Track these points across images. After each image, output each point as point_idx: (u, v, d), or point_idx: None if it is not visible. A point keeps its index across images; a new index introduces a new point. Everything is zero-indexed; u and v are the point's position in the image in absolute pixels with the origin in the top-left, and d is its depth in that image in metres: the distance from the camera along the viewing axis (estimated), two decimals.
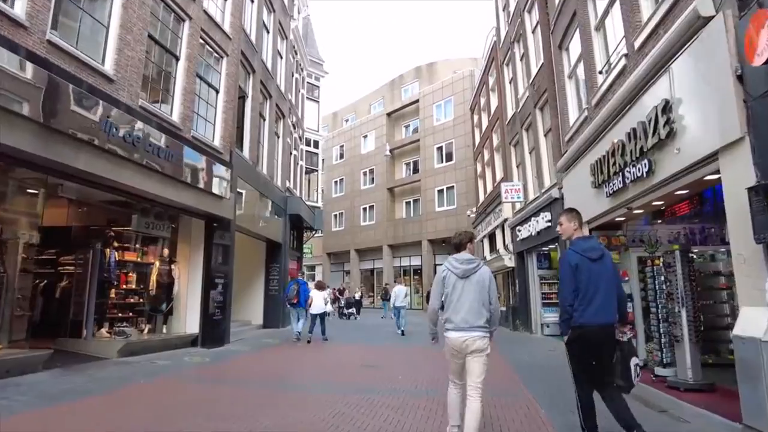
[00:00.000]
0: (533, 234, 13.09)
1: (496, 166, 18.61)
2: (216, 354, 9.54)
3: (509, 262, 15.92)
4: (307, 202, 20.65)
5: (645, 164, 6.23)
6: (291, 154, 18.59)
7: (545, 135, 13.06)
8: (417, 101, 31.91)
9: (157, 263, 10.18)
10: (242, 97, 13.55)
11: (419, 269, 30.60)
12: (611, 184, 7.43)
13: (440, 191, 29.46)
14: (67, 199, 8.95)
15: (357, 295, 22.52)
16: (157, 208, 9.72)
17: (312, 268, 40.39)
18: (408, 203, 32.88)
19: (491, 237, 19.54)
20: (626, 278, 8.52)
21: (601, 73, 8.70)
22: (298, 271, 19.32)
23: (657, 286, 7.16)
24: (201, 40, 10.64)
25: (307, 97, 21.26)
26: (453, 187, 28.63)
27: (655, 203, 7.05)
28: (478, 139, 22.37)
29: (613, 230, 8.75)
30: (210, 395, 5.88)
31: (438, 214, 29.15)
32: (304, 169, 20.44)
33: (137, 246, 10.10)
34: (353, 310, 21.59)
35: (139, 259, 10.08)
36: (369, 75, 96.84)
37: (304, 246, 27.34)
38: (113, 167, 7.49)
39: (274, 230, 15.81)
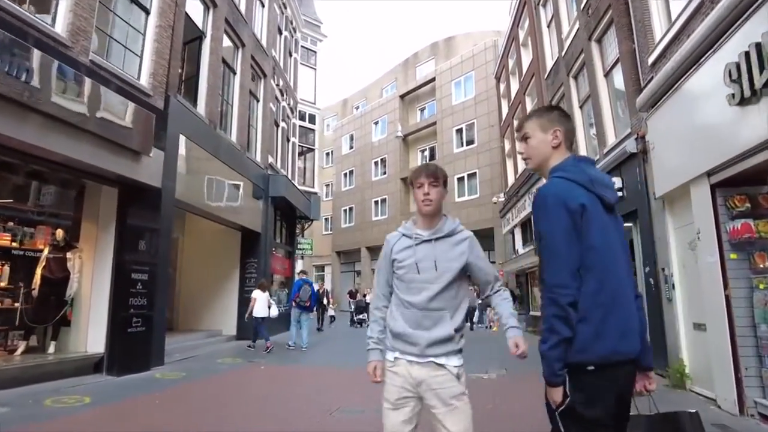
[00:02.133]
0: None
1: None
2: (117, 388, 6.21)
3: None
4: (302, 187, 17.36)
5: None
6: (278, 126, 15.31)
7: (606, 74, 9.43)
8: (433, 80, 28.39)
9: (46, 251, 6.95)
10: (198, 38, 10.33)
11: None
12: None
13: (460, 179, 25.83)
14: None
15: (368, 298, 18.84)
16: (36, 167, 6.49)
17: (321, 268, 37.26)
18: None
19: (524, 225, 15.89)
20: None
21: None
22: (294, 269, 16.04)
23: None
24: None
25: (302, 63, 17.99)
26: (475, 173, 24.99)
27: None
28: (505, 111, 18.75)
29: (756, 185, 5.15)
30: None
31: (458, 205, 25.50)
32: (297, 147, 17.14)
33: (12, 225, 6.87)
34: (364, 315, 17.92)
35: (14, 244, 6.85)
36: (383, 60, 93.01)
37: (303, 240, 24.10)
38: None
39: (250, 216, 12.52)
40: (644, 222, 7.38)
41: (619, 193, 8.17)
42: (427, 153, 29.55)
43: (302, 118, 17.68)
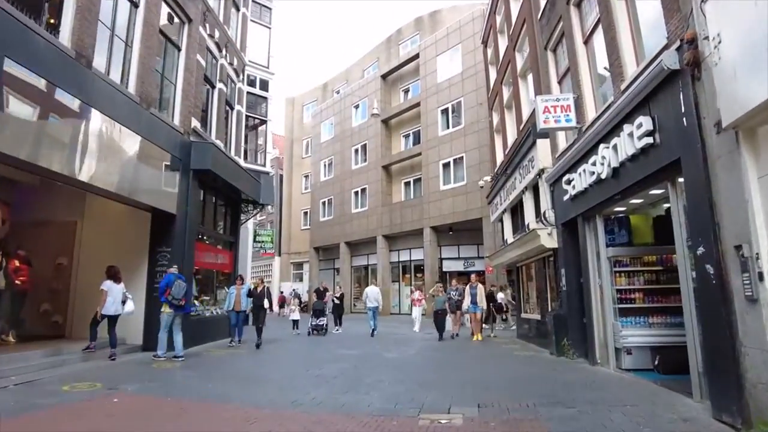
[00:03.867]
0: (604, 176, 6.73)
1: (522, 102, 12.27)
2: None
3: (548, 240, 9.54)
4: (252, 165, 14.59)
5: None
6: (214, 86, 12.53)
7: None
8: (417, 56, 25.67)
9: None
10: None
11: (421, 265, 24.25)
12: None
13: (446, 165, 23.14)
14: None
15: (337, 296, 15.83)
16: None
17: (299, 266, 34.51)
18: (407, 184, 26.58)
19: (515, 210, 13.18)
20: None
21: None
22: (237, 264, 13.28)
23: None
24: None
25: (253, 20, 15.20)
26: (462, 158, 22.28)
27: None
28: (493, 78, 16.04)
29: None
30: None
31: (443, 194, 22.85)
32: (243, 117, 14.35)
33: None
34: (323, 321, 13.88)
35: None
36: (367, 40, 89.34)
37: (264, 232, 21.37)
38: None
39: (163, 193, 9.77)
40: (695, 175, 4.66)
41: (649, 140, 5.46)
42: (411, 138, 26.81)
43: (252, 83, 14.89)
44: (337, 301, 15.22)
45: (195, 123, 10.98)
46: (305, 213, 34.08)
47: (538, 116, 8.15)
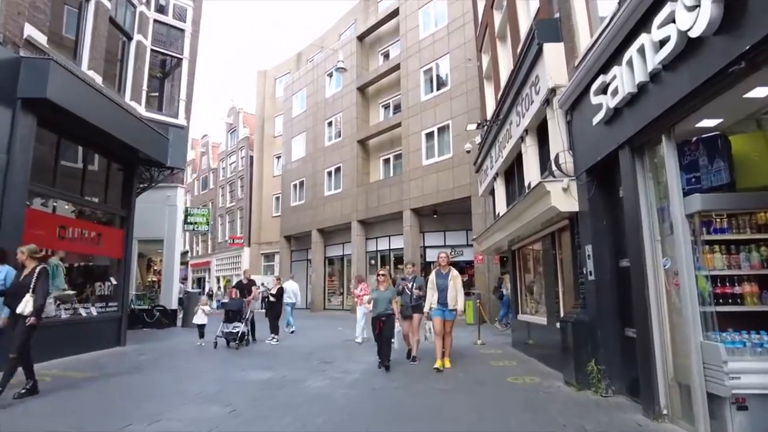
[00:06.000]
0: (697, 32, 3.16)
1: (520, 18, 8.68)
2: None
3: (563, 200, 5.90)
4: (159, 116, 10.94)
5: None
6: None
7: None
8: (397, 11, 22.01)
9: None
10: None
11: (402, 255, 20.67)
12: None
13: (429, 135, 19.53)
14: None
15: (272, 293, 11.28)
16: None
17: (270, 257, 30.96)
18: (386, 161, 22.98)
19: (510, 173, 9.62)
20: None
21: None
22: (130, 246, 9.72)
23: None
24: None
25: None
26: (448, 125, 18.67)
27: None
28: (482, 9, 12.43)
29: None
30: None
31: (426, 170, 19.26)
32: (147, 52, 10.68)
33: None
34: (238, 328, 9.65)
35: None
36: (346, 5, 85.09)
37: (197, 212, 17.77)
38: None
39: None
40: None
41: None
42: (390, 107, 23.18)
43: (161, 10, 11.23)
44: (272, 299, 11.34)
45: (31, 31, 7.31)
46: (277, 198, 30.51)
47: None
